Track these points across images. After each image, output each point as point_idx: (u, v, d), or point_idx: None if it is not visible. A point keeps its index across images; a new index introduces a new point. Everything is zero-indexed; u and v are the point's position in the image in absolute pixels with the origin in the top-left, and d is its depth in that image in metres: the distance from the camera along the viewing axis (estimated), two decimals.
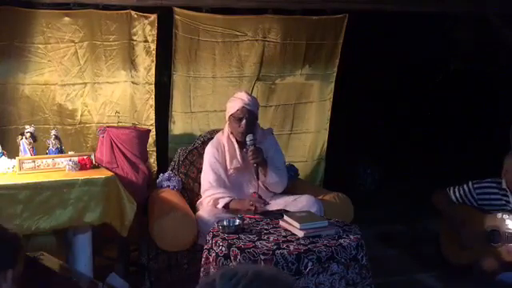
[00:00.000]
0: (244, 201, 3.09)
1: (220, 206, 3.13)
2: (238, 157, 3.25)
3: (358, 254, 2.48)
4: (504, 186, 3.29)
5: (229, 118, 3.27)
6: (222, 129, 3.44)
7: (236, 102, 3.24)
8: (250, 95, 3.35)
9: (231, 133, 3.29)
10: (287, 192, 3.39)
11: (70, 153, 3.22)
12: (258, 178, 3.17)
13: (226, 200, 3.12)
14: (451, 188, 3.49)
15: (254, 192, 3.12)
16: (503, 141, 4.28)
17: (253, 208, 2.96)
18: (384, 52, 4.99)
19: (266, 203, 3.06)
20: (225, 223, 2.69)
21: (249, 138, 3.16)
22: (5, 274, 1.47)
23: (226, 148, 3.28)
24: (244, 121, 3.19)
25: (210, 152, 3.30)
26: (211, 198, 3.17)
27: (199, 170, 3.53)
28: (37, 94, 3.57)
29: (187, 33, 3.82)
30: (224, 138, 3.32)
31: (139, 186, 3.35)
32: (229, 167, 3.26)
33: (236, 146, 3.27)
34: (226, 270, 0.92)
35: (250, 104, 3.22)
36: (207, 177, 3.26)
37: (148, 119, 3.82)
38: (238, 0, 3.84)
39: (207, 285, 0.90)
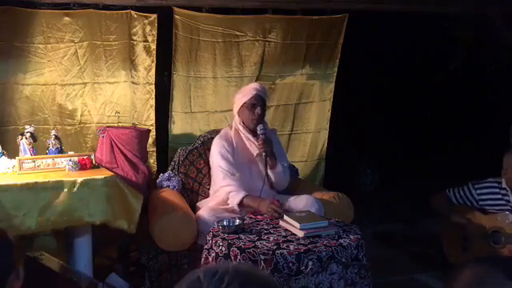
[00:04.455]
0: (262, 201, 3.05)
1: (235, 203, 3.08)
2: (250, 146, 3.27)
3: (359, 254, 2.48)
4: (504, 185, 3.29)
5: (240, 107, 3.26)
6: (223, 128, 3.45)
7: (248, 90, 3.28)
8: (261, 84, 3.39)
9: (243, 123, 3.29)
10: (287, 192, 3.39)
11: (70, 153, 3.23)
12: (266, 168, 3.17)
13: (240, 196, 3.07)
14: (451, 189, 3.48)
15: (274, 198, 3.08)
16: (503, 141, 4.28)
17: (276, 215, 2.90)
18: (384, 52, 4.99)
19: (283, 212, 2.97)
20: (225, 223, 2.70)
21: (259, 127, 3.19)
22: (17, 274, 1.40)
23: (234, 140, 3.29)
24: (258, 107, 3.22)
25: (218, 143, 3.30)
26: (226, 189, 3.14)
27: (199, 170, 3.54)
28: (37, 94, 3.56)
29: (187, 33, 3.82)
30: (232, 132, 3.32)
31: (139, 186, 3.34)
32: (236, 159, 3.25)
33: (249, 135, 3.28)
34: (207, 268, 0.94)
35: (262, 92, 3.28)
36: (220, 166, 3.22)
37: (148, 119, 3.82)
38: (238, 0, 3.84)
39: (193, 282, 0.91)
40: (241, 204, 3.08)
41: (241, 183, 3.16)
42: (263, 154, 3.15)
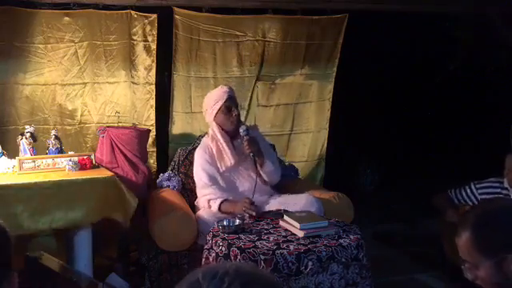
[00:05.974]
0: (237, 203, 3.05)
1: (213, 208, 3.11)
2: (230, 153, 3.20)
3: (359, 254, 2.48)
4: (506, 185, 3.27)
5: (216, 114, 3.22)
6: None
7: (220, 95, 3.23)
8: (228, 86, 3.36)
9: (221, 129, 3.24)
10: (287, 191, 3.39)
11: (70, 153, 3.23)
12: (256, 167, 3.16)
13: (218, 202, 3.09)
14: (452, 190, 3.46)
15: (246, 198, 3.04)
16: (503, 141, 4.28)
17: (251, 212, 2.91)
18: (384, 52, 4.98)
19: (256, 210, 2.97)
20: (225, 223, 2.70)
21: (242, 129, 3.17)
22: (10, 279, 1.34)
23: (214, 150, 3.24)
24: (234, 109, 3.21)
25: (199, 155, 3.28)
26: (205, 198, 3.16)
27: None
28: (37, 94, 3.57)
29: (187, 33, 3.82)
30: (209, 139, 3.28)
31: (139, 186, 3.35)
32: (219, 167, 3.23)
33: (225, 144, 3.21)
34: (207, 269, 0.93)
35: (232, 93, 3.27)
36: (200, 177, 3.24)
37: (148, 119, 3.82)
38: (238, 0, 3.84)
39: (192, 284, 0.91)
40: (220, 209, 3.08)
41: (221, 191, 3.15)
42: (251, 154, 3.13)
